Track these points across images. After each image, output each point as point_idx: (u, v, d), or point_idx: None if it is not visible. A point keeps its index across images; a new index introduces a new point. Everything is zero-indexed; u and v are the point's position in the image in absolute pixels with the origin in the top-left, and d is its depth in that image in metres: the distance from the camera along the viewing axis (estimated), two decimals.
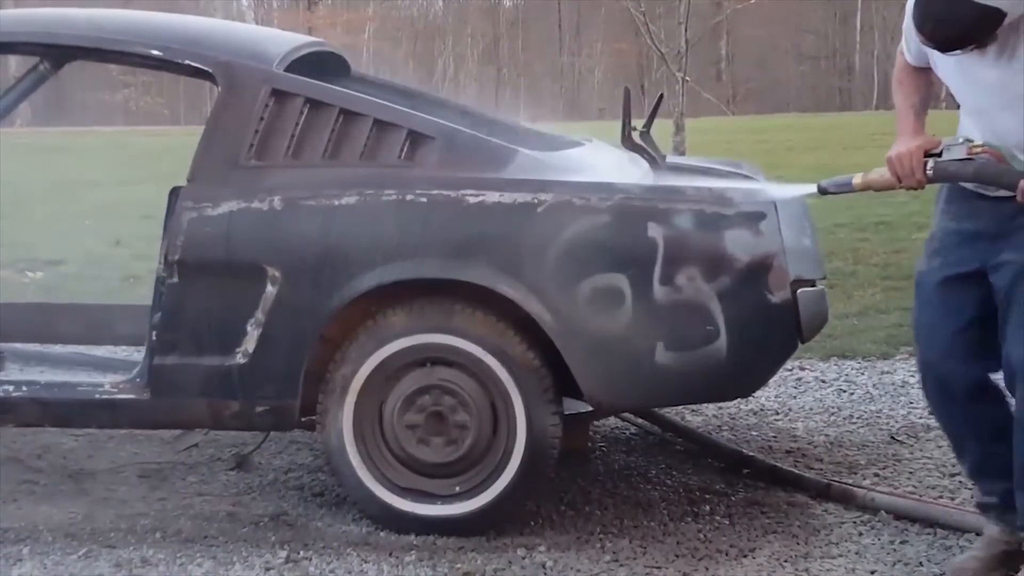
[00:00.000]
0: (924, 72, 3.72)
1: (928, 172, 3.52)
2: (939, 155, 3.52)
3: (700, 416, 5.54)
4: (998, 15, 3.24)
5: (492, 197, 4.05)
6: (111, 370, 4.71)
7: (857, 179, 3.75)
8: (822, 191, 3.87)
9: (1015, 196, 3.37)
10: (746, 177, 4.74)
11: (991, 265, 3.54)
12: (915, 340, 3.83)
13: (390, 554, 4.00)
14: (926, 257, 3.74)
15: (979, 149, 3.47)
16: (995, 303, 3.55)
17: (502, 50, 62.38)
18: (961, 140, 3.51)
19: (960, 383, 3.67)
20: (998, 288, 3.54)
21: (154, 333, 4.16)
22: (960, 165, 3.48)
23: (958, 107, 3.64)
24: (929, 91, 3.72)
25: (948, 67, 3.54)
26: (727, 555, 4.00)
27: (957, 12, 3.25)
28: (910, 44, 3.67)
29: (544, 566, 3.91)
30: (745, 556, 3.99)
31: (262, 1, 58.91)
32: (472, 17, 61.53)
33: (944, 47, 3.40)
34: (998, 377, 3.64)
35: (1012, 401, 3.57)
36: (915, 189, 3.63)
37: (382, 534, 4.16)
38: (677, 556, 4.00)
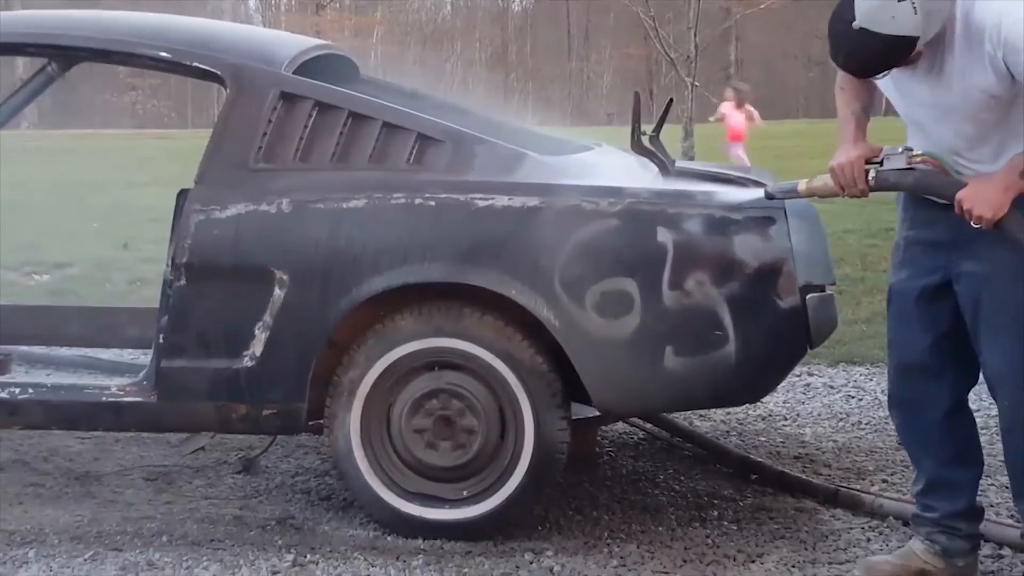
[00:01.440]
0: (867, 80, 3.71)
1: (870, 181, 3.53)
2: (880, 164, 3.54)
3: (708, 421, 5.52)
4: (910, 42, 3.23)
5: (501, 201, 4.04)
6: (118, 373, 4.72)
7: (802, 185, 3.78)
8: (769, 196, 3.91)
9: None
10: (755, 183, 4.72)
11: (953, 275, 3.55)
12: (888, 349, 3.84)
13: (397, 558, 3.99)
14: (893, 268, 3.75)
15: (919, 158, 3.49)
16: (964, 316, 3.57)
17: (511, 55, 62.46)
18: (901, 149, 3.52)
19: (934, 398, 3.69)
20: (962, 299, 3.55)
21: (161, 336, 4.16)
22: (900, 175, 3.50)
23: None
24: (871, 98, 3.70)
25: (884, 82, 3.54)
26: (735, 560, 3.99)
27: (866, 44, 3.25)
28: None
29: (552, 571, 3.90)
30: (753, 561, 3.97)
31: (270, 4, 59.03)
32: (481, 21, 61.66)
33: (861, 76, 3.44)
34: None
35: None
36: (858, 197, 3.63)
37: (389, 538, 4.14)
38: (685, 561, 3.98)
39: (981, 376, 3.63)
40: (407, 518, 4.14)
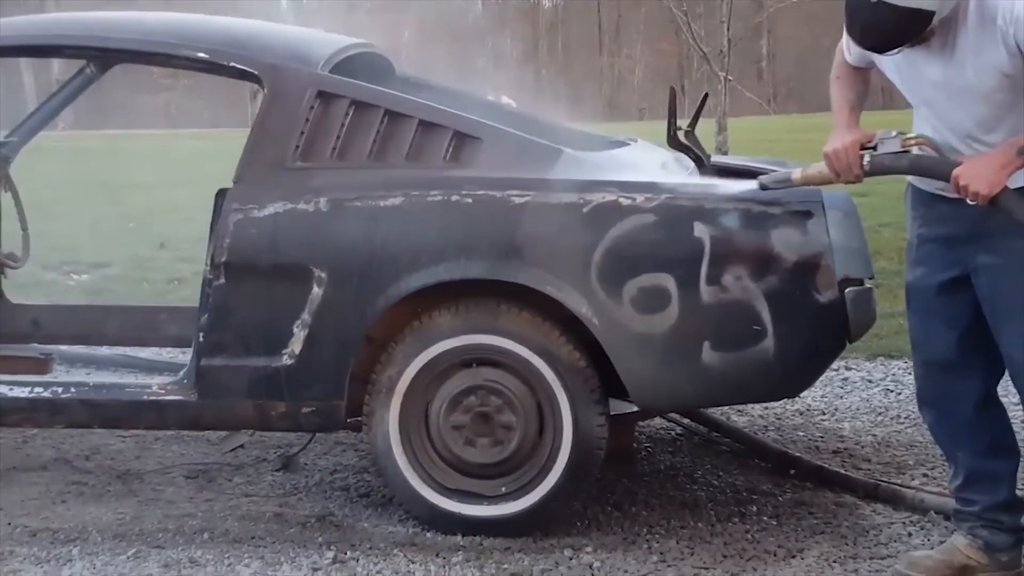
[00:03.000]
0: (862, 71, 3.73)
1: (865, 166, 3.55)
2: (874, 148, 3.55)
3: (746, 416, 5.51)
4: (926, 16, 3.23)
5: (538, 198, 4.04)
6: (158, 371, 4.74)
7: (796, 174, 3.79)
8: (762, 187, 3.91)
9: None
10: None
11: (971, 268, 3.55)
12: (912, 348, 3.84)
13: (437, 555, 4.01)
14: (909, 266, 3.75)
15: (913, 141, 3.50)
16: (984, 311, 3.57)
17: (542, 52, 62.35)
18: (895, 133, 3.53)
19: (963, 393, 3.69)
20: (981, 292, 3.55)
21: (201, 334, 4.18)
22: (895, 158, 3.51)
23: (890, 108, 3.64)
24: (865, 88, 3.73)
25: (891, 66, 3.54)
26: (775, 556, 3.98)
27: (883, 17, 3.25)
28: (851, 45, 3.66)
29: (591, 567, 3.91)
30: (793, 557, 3.97)
31: (302, 4, 59.15)
32: (511, 19, 61.55)
33: (876, 50, 3.42)
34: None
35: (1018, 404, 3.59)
36: (854, 183, 3.65)
37: (428, 535, 4.16)
38: (725, 557, 3.98)
39: None
40: (446, 514, 4.15)
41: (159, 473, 4.83)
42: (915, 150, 3.51)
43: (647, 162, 4.49)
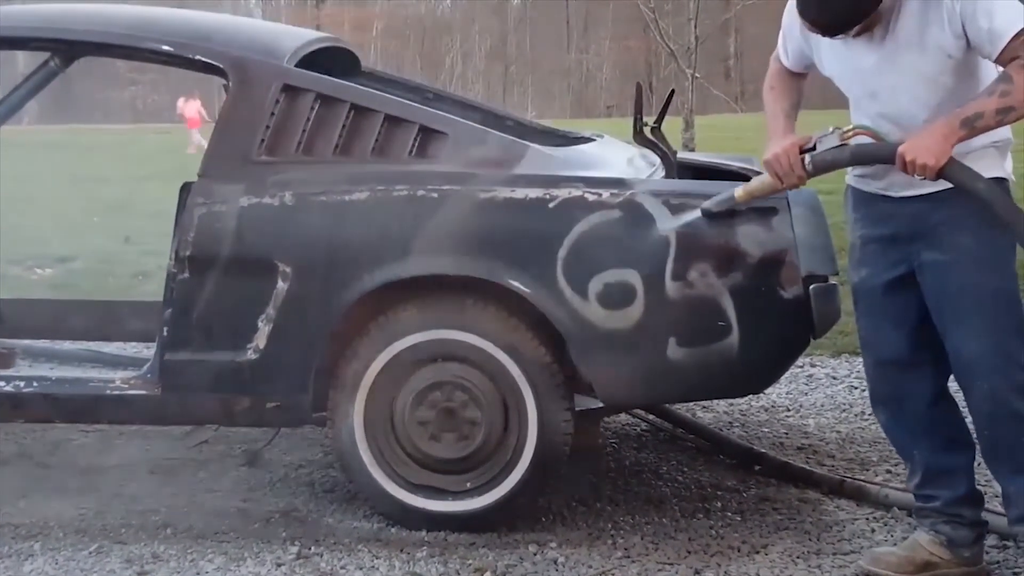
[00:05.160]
0: (797, 78, 3.78)
1: (807, 167, 3.57)
2: (813, 148, 3.57)
3: (711, 413, 5.53)
4: None
5: (503, 193, 4.04)
6: (121, 366, 4.72)
7: (738, 192, 3.82)
8: (705, 213, 3.91)
9: (902, 167, 3.39)
10: (757, 173, 4.72)
11: (916, 266, 3.58)
12: (863, 349, 3.87)
13: (401, 550, 4.00)
14: (853, 268, 3.77)
15: (851, 133, 3.53)
16: (929, 308, 3.59)
17: (510, 47, 62.41)
18: (831, 129, 3.56)
19: (917, 391, 3.71)
20: (926, 289, 3.58)
21: (165, 329, 4.16)
22: (836, 152, 3.53)
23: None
24: (799, 97, 3.78)
25: (832, 60, 3.58)
26: (739, 551, 3.99)
27: None
28: (789, 49, 3.71)
29: (556, 562, 3.91)
30: (757, 552, 3.98)
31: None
32: (480, 14, 61.60)
33: (829, 32, 3.43)
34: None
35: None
36: (797, 186, 3.68)
37: (393, 530, 4.15)
38: (689, 552, 3.99)
39: None
40: (411, 510, 4.15)
41: (122, 468, 4.80)
42: (853, 141, 3.53)
43: (614, 158, 4.49)
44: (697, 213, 3.98)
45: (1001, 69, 3.31)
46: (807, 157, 3.56)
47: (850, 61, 3.53)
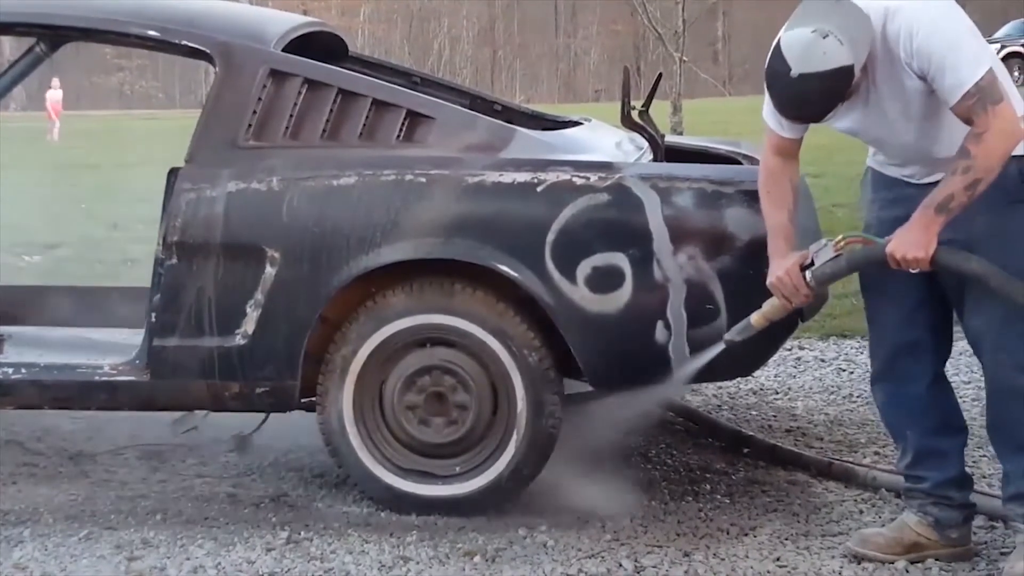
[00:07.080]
0: (790, 165, 3.74)
1: (810, 283, 3.61)
2: (812, 263, 3.62)
3: (700, 396, 5.54)
4: (847, 70, 3.30)
5: (491, 177, 4.04)
6: (110, 352, 4.70)
7: (755, 318, 3.80)
8: (729, 343, 3.88)
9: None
10: (746, 157, 4.73)
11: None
12: (868, 328, 3.88)
13: (391, 534, 4.00)
14: None
15: (842, 243, 3.59)
16: (940, 283, 3.62)
17: (498, 32, 62.32)
18: (825, 242, 3.62)
19: (917, 372, 3.74)
20: None
21: (153, 315, 4.16)
22: (834, 264, 3.59)
23: None
24: (795, 195, 3.76)
25: (833, 121, 3.59)
26: (728, 534, 4.00)
27: (811, 87, 3.33)
28: (783, 121, 3.67)
29: (545, 545, 3.92)
30: (746, 535, 3.99)
31: None
32: None
33: (815, 120, 3.51)
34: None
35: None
36: (806, 304, 3.72)
37: (383, 514, 4.16)
38: (678, 535, 4.00)
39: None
40: (401, 494, 4.15)
41: (112, 454, 4.81)
42: (846, 250, 3.57)
43: (601, 142, 4.49)
44: (686, 196, 3.98)
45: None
46: (808, 274, 3.61)
47: (847, 119, 3.57)
